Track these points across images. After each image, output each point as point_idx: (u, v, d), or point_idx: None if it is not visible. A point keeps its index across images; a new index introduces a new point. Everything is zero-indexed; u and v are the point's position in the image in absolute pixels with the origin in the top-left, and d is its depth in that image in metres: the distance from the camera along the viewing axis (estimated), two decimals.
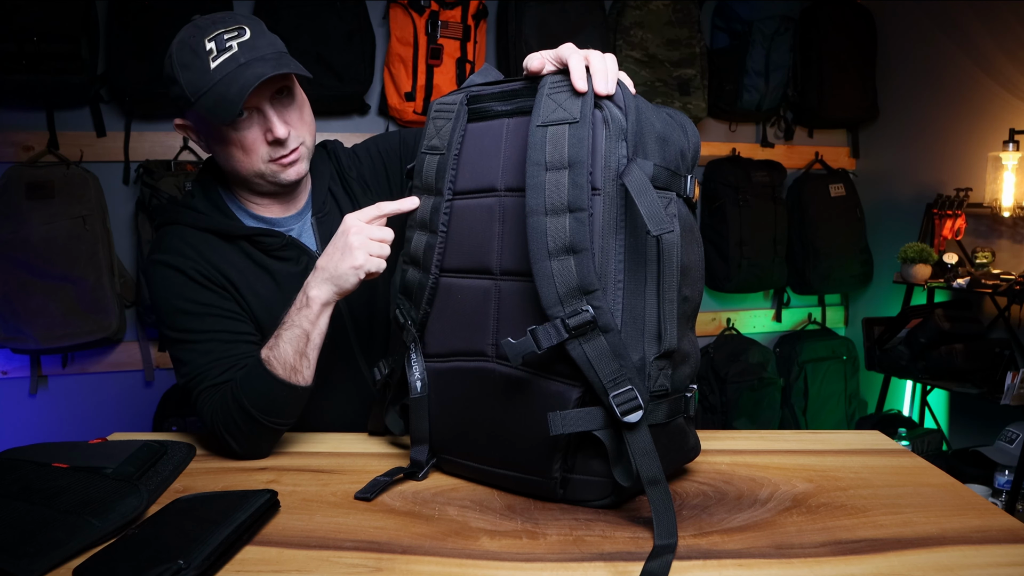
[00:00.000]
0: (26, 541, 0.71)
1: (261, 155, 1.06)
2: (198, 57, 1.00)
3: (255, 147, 1.06)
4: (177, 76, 1.01)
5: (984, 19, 2.73)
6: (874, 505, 0.85)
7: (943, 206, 2.79)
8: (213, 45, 1.00)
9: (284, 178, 1.09)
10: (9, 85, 2.24)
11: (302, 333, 0.99)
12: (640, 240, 0.78)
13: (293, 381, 0.99)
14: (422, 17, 2.56)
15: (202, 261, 1.09)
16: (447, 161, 0.89)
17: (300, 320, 0.99)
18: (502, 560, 0.73)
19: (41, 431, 2.54)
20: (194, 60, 1.00)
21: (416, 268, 0.93)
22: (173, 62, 1.02)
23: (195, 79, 1.00)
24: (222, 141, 1.06)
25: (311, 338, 0.99)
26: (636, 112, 0.79)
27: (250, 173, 1.08)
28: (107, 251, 2.39)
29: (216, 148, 1.08)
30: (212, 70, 0.99)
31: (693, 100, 2.93)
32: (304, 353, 0.99)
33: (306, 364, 1.00)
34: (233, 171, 1.09)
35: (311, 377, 1.01)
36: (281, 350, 0.99)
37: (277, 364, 0.99)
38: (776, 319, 3.43)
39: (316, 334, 1.00)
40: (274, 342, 1.00)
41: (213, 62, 0.99)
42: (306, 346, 0.99)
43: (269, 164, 1.07)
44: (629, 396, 0.74)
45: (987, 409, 2.65)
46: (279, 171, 1.08)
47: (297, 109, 1.08)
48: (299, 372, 1.00)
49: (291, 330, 0.99)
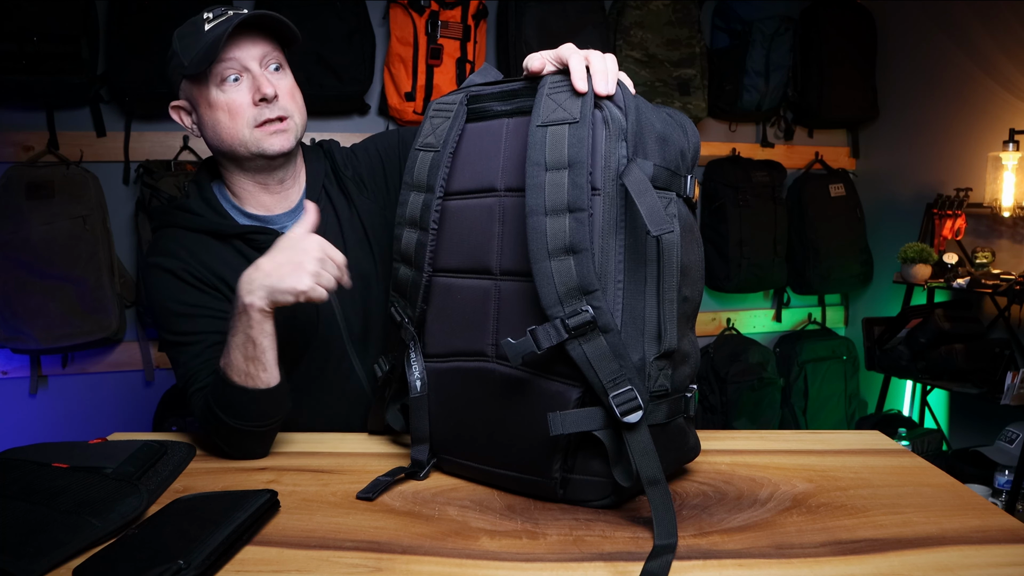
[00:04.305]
0: (26, 541, 0.71)
1: (247, 119, 1.07)
2: (196, 27, 1.06)
3: (241, 110, 1.06)
4: (176, 49, 1.06)
5: (984, 19, 2.73)
6: (874, 505, 0.85)
7: (943, 206, 2.79)
8: (211, 15, 1.06)
9: (267, 147, 1.08)
10: (9, 85, 2.24)
11: (247, 339, 0.95)
12: (640, 240, 0.78)
13: (251, 386, 0.96)
14: (422, 17, 2.56)
15: (195, 263, 1.10)
16: (441, 158, 0.89)
17: (242, 326, 0.95)
18: (502, 560, 0.73)
19: (41, 431, 2.54)
20: (192, 29, 1.06)
21: (408, 266, 0.93)
22: (174, 39, 1.07)
23: (191, 44, 1.05)
24: (210, 106, 1.07)
25: (258, 343, 0.95)
26: (636, 112, 0.79)
27: (235, 141, 1.08)
28: (107, 251, 2.39)
29: (205, 118, 1.09)
30: (206, 32, 1.04)
31: (693, 100, 2.93)
32: (255, 358, 0.95)
33: (260, 368, 0.96)
34: (219, 142, 1.09)
35: (273, 379, 0.98)
36: (232, 358, 0.96)
37: (232, 372, 0.96)
38: (776, 319, 3.43)
39: (263, 338, 0.95)
40: (225, 350, 0.97)
41: (207, 25, 1.05)
42: (255, 351, 0.95)
43: (254, 131, 1.07)
44: (629, 396, 0.74)
45: (987, 409, 2.65)
46: (263, 139, 1.07)
47: (288, 85, 1.11)
48: (255, 376, 0.96)
49: (236, 336, 0.95)
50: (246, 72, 1.06)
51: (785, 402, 3.23)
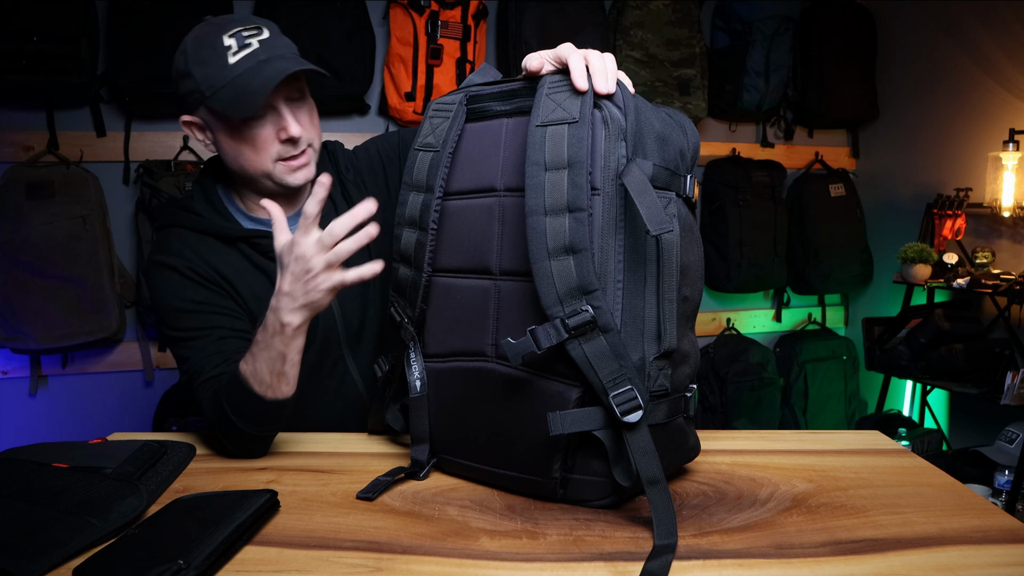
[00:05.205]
0: (26, 541, 0.71)
1: (271, 154, 1.06)
2: (216, 53, 1.00)
3: (266, 145, 1.06)
4: (192, 71, 1.01)
5: (984, 19, 2.73)
6: (874, 505, 0.85)
7: (943, 206, 2.79)
8: (233, 42, 1.01)
9: (291, 181, 1.09)
10: (9, 85, 2.24)
11: (278, 355, 0.95)
12: (639, 240, 0.78)
13: (269, 396, 0.97)
14: (422, 17, 2.56)
15: (199, 261, 1.10)
16: (441, 158, 0.89)
17: (275, 343, 0.95)
18: (502, 560, 0.73)
19: (41, 431, 2.54)
20: (213, 55, 1.00)
21: (407, 266, 0.93)
22: (188, 58, 1.02)
23: (213, 74, 1.00)
24: (233, 137, 1.05)
25: (289, 357, 0.96)
26: (635, 112, 0.79)
27: (258, 172, 1.08)
28: (107, 251, 2.39)
29: (225, 145, 1.08)
30: (231, 65, 1.00)
31: (693, 100, 2.93)
32: (281, 372, 0.96)
33: (284, 381, 0.97)
34: (240, 170, 1.09)
35: (291, 390, 0.99)
36: (257, 369, 0.96)
37: (254, 381, 0.96)
38: (776, 319, 3.43)
39: (293, 352, 0.96)
40: (251, 359, 0.97)
41: (232, 57, 1.00)
42: (283, 365, 0.96)
43: (278, 164, 1.07)
44: (629, 396, 0.74)
45: (987, 409, 2.65)
46: (286, 173, 1.08)
47: (308, 112, 1.09)
48: (276, 388, 0.97)
49: (266, 351, 0.95)
50: (272, 109, 1.05)
51: (785, 402, 3.23)
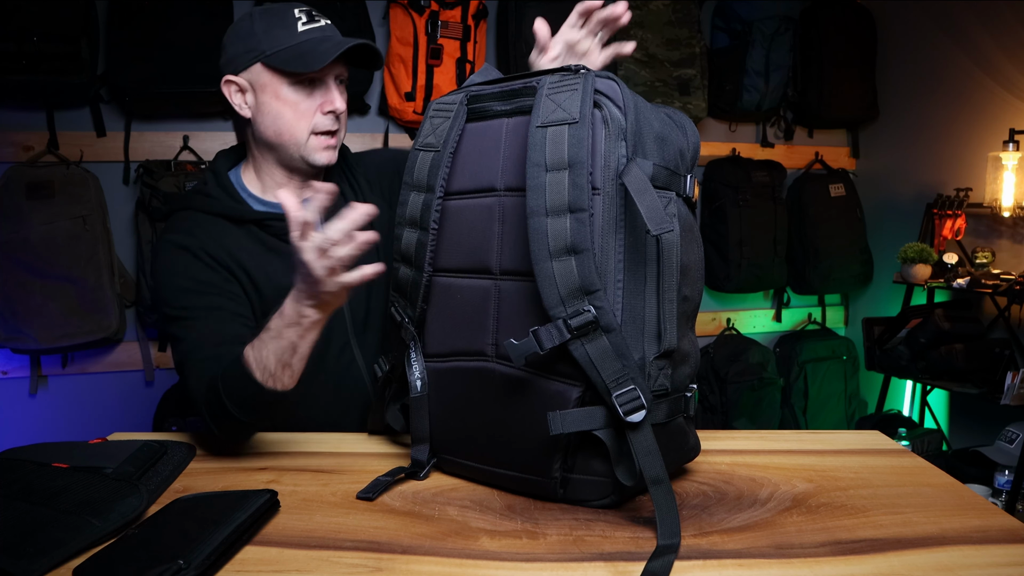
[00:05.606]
0: (26, 541, 0.71)
1: (310, 123, 1.12)
2: (287, 21, 1.10)
3: (308, 114, 1.12)
4: (256, 30, 1.09)
5: (984, 19, 2.73)
6: (874, 505, 0.85)
7: (943, 206, 2.79)
8: (304, 16, 1.11)
9: (317, 159, 1.14)
10: (9, 85, 2.24)
11: (289, 345, 0.94)
12: (640, 240, 0.78)
13: (270, 386, 0.95)
14: (422, 17, 2.56)
15: (211, 242, 1.11)
16: (442, 158, 0.89)
17: (289, 333, 0.93)
18: (502, 560, 0.73)
19: (41, 431, 2.54)
20: (282, 21, 1.10)
21: (408, 266, 0.93)
22: (254, 20, 1.10)
23: (280, 35, 1.09)
24: (278, 98, 1.11)
25: (299, 350, 0.95)
26: (635, 112, 0.79)
27: (291, 139, 1.12)
28: (107, 251, 2.39)
29: (267, 107, 1.12)
30: (300, 32, 1.09)
31: (693, 100, 2.93)
32: (288, 364, 0.95)
33: (288, 373, 0.96)
34: (275, 135, 1.13)
35: (292, 383, 0.97)
36: (264, 356, 0.95)
37: (256, 368, 0.94)
38: (776, 319, 3.43)
39: (305, 345, 0.95)
40: (259, 345, 0.95)
41: (303, 26, 1.10)
42: (291, 357, 0.95)
43: (311, 137, 1.13)
44: (632, 396, 0.74)
45: (987, 409, 2.65)
46: (315, 150, 1.14)
47: (345, 102, 1.16)
48: (279, 379, 0.95)
49: (278, 341, 0.93)
50: (321, 82, 1.12)
51: (785, 402, 3.23)
